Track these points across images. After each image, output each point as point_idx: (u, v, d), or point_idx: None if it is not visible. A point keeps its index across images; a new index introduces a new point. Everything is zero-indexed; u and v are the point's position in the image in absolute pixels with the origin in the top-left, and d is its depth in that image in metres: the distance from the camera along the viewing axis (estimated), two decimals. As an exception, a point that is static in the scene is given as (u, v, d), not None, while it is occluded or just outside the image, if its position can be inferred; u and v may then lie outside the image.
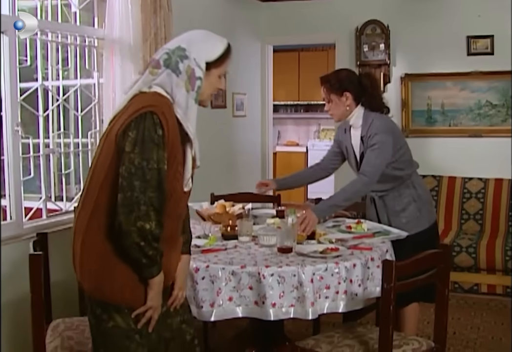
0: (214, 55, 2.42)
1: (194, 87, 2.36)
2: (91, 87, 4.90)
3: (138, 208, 2.23)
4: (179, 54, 2.38)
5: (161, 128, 2.25)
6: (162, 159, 2.27)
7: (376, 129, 3.67)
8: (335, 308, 3.04)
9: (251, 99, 7.07)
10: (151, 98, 2.35)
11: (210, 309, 2.97)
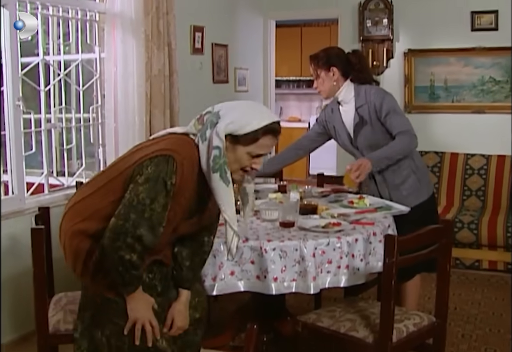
0: (242, 130, 2.34)
1: (210, 155, 2.33)
2: (92, 62, 4.88)
3: (124, 239, 2.25)
4: (211, 120, 2.36)
5: (175, 176, 2.27)
6: (166, 205, 2.28)
7: (377, 97, 3.70)
8: (337, 282, 3.05)
9: (253, 74, 7.03)
10: (181, 144, 2.37)
11: (212, 283, 2.98)
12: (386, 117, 3.66)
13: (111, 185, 2.40)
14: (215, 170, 2.33)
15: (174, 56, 4.99)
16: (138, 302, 2.40)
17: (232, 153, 2.37)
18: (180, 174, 2.29)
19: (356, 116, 3.75)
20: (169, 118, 4.96)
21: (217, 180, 2.34)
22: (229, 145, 2.36)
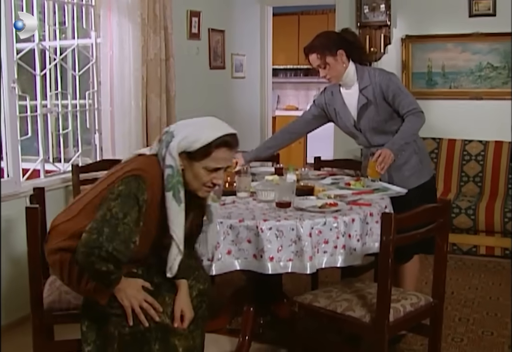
0: (195, 146, 2.42)
1: (164, 175, 2.42)
2: (88, 48, 4.86)
3: (99, 253, 2.30)
4: (167, 140, 2.45)
5: (146, 192, 2.37)
6: (138, 221, 2.37)
7: (383, 78, 3.68)
8: (333, 262, 3.04)
9: (250, 61, 7.01)
10: (148, 164, 2.47)
11: (210, 263, 2.96)
12: (393, 97, 3.65)
13: (89, 206, 2.48)
14: (168, 189, 2.42)
15: (170, 40, 4.98)
16: (126, 290, 2.47)
17: (190, 170, 2.46)
18: (150, 191, 2.39)
19: (361, 97, 3.72)
20: (165, 102, 4.95)
21: (170, 200, 2.43)
22: (185, 163, 2.45)
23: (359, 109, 3.74)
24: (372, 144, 3.79)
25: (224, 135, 2.46)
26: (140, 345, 2.50)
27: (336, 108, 3.87)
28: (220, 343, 3.69)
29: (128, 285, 2.50)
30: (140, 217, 2.38)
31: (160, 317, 2.51)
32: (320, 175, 4.07)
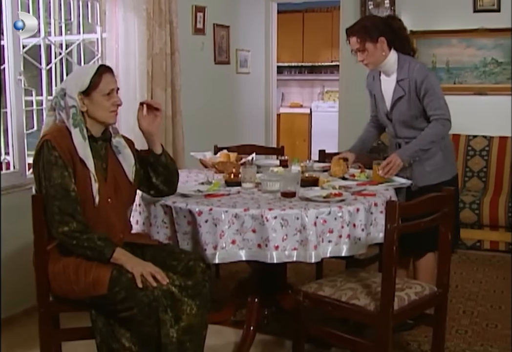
0: (86, 82, 2.83)
1: (69, 115, 2.81)
2: (94, 43, 4.88)
3: (53, 218, 2.73)
4: (60, 94, 2.86)
5: (56, 150, 2.73)
6: (62, 174, 2.73)
7: (420, 73, 3.64)
8: (338, 252, 3.05)
9: (255, 57, 7.02)
10: (47, 128, 2.90)
11: (214, 252, 2.98)
12: (425, 95, 3.62)
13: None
14: (75, 125, 2.80)
15: (175, 34, 4.99)
16: (130, 261, 2.76)
17: (92, 104, 2.85)
18: (58, 145, 2.74)
19: (397, 89, 3.70)
20: (170, 96, 4.96)
21: (77, 135, 2.80)
22: (86, 101, 2.84)
23: (394, 100, 3.72)
24: (398, 136, 3.81)
25: (100, 65, 2.92)
26: (150, 318, 2.65)
27: (375, 94, 3.89)
28: (224, 334, 3.70)
29: (131, 257, 2.78)
30: (64, 170, 2.74)
31: (167, 289, 2.70)
32: (324, 167, 4.08)
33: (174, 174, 3.17)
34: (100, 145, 2.95)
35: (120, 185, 2.99)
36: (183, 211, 3.07)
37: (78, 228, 2.71)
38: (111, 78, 2.91)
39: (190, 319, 2.73)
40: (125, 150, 3.04)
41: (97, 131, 2.93)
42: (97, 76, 2.85)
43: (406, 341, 3.66)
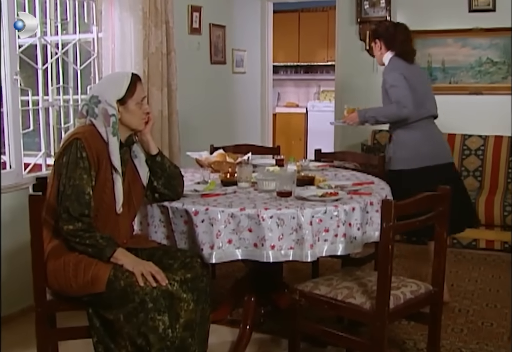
0: (123, 91, 2.91)
1: (109, 123, 2.86)
2: (90, 43, 4.88)
3: (61, 216, 2.76)
4: (94, 102, 2.90)
5: (84, 151, 2.79)
6: (81, 176, 2.77)
7: (386, 71, 4.26)
8: (334, 250, 3.06)
9: (251, 57, 7.02)
10: (78, 128, 2.94)
11: (210, 251, 2.99)
12: (387, 89, 4.15)
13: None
14: (114, 134, 2.87)
15: (171, 34, 4.99)
16: (131, 260, 2.79)
17: (127, 112, 2.93)
18: (87, 146, 2.79)
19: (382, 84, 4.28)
20: (166, 96, 4.96)
21: (114, 144, 2.88)
22: (121, 109, 2.91)
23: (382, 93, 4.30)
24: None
25: (132, 74, 3.01)
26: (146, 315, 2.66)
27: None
28: (221, 333, 3.71)
29: (132, 258, 2.81)
30: (87, 172, 2.78)
31: (168, 288, 2.71)
32: (320, 167, 4.09)
33: (174, 177, 3.16)
34: (124, 151, 3.01)
35: (132, 191, 3.03)
36: (180, 211, 3.08)
37: (82, 227, 2.75)
38: (141, 86, 3.01)
39: (188, 315, 2.75)
40: (141, 154, 3.11)
41: (124, 137, 3.00)
42: (132, 85, 2.94)
43: (402, 340, 3.67)
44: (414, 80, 4.17)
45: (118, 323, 2.69)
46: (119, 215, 2.95)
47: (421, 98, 4.20)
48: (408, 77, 4.12)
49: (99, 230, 2.80)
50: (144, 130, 3.05)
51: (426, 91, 4.35)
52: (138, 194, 3.08)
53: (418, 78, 4.30)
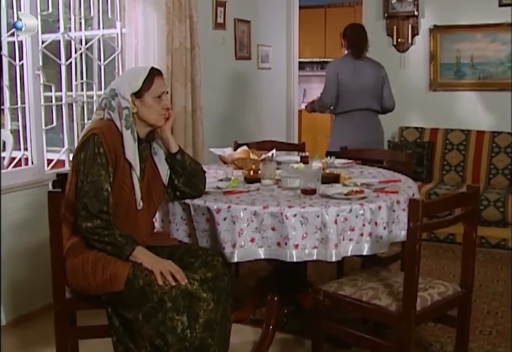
0: (139, 84, 2.84)
1: (122, 115, 2.81)
2: (114, 38, 4.85)
3: (79, 214, 2.72)
4: (111, 95, 2.86)
5: (101, 146, 2.74)
6: (99, 172, 2.72)
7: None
8: (359, 250, 2.99)
9: (276, 52, 6.94)
10: (95, 123, 2.88)
11: (232, 250, 2.92)
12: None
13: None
14: (127, 127, 2.81)
15: (195, 29, 4.93)
16: (150, 259, 2.72)
17: (143, 107, 2.86)
18: (105, 142, 2.74)
19: None
20: (190, 92, 4.90)
21: (129, 137, 2.81)
22: (137, 103, 2.85)
23: None
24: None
25: (151, 67, 2.93)
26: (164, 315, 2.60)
27: None
28: (243, 333, 3.66)
29: (151, 256, 2.75)
30: (105, 168, 2.73)
31: (187, 288, 2.65)
32: (346, 164, 4.02)
33: (195, 175, 3.09)
34: (143, 147, 2.96)
35: (152, 188, 2.98)
36: (202, 209, 3.02)
37: (101, 225, 2.70)
38: (161, 81, 2.93)
39: (207, 314, 2.69)
40: (160, 151, 3.05)
41: (143, 133, 2.94)
42: (149, 78, 2.86)
43: (429, 342, 3.58)
44: (348, 76, 5.02)
45: (137, 323, 2.64)
46: (138, 212, 2.90)
47: (350, 93, 5.03)
48: (342, 73, 5.03)
49: (118, 228, 2.75)
50: (164, 126, 2.98)
51: (362, 87, 5.04)
52: (158, 191, 3.02)
53: (357, 74, 5.04)
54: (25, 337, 3.64)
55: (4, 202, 3.72)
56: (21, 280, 3.86)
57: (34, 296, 3.86)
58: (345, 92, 5.03)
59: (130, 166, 2.84)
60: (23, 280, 3.84)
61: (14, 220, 3.82)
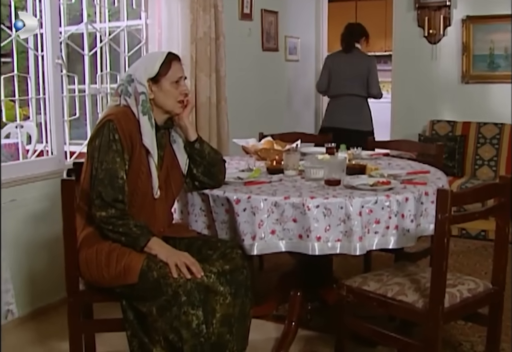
0: (155, 69, 2.76)
1: (138, 101, 2.73)
2: (139, 30, 4.80)
3: (93, 202, 2.64)
4: (127, 80, 2.78)
5: (117, 133, 2.65)
6: (114, 160, 2.64)
7: None
8: (385, 244, 2.86)
9: (304, 45, 6.85)
10: (111, 109, 2.81)
11: (252, 242, 2.82)
12: None
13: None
14: (144, 113, 2.73)
15: (220, 18, 4.84)
16: (162, 249, 2.63)
17: (160, 92, 2.78)
18: (120, 128, 2.66)
19: None
20: (215, 82, 4.82)
21: (146, 123, 2.73)
22: (154, 88, 2.77)
23: None
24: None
25: (168, 52, 2.86)
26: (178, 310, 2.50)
27: None
28: (265, 329, 3.54)
29: (166, 248, 2.65)
30: (120, 155, 2.65)
31: (204, 281, 2.55)
32: (374, 155, 3.89)
33: (214, 165, 2.98)
34: (161, 134, 2.87)
35: (170, 176, 2.88)
36: (221, 199, 2.92)
37: (115, 214, 2.62)
38: (179, 66, 2.85)
39: (224, 309, 2.59)
40: (179, 139, 2.96)
41: (161, 120, 2.86)
42: (166, 63, 2.78)
43: (458, 341, 3.43)
44: (337, 67, 5.90)
45: (151, 317, 2.54)
46: (155, 201, 2.81)
47: (339, 80, 5.86)
48: (333, 64, 5.93)
49: (134, 217, 2.66)
50: (182, 114, 2.88)
51: (349, 76, 5.82)
52: (176, 180, 2.92)
53: (343, 66, 5.87)
54: (41, 330, 3.58)
55: (23, 192, 3.71)
56: (39, 272, 3.80)
57: (52, 288, 3.79)
58: (335, 80, 5.91)
59: (147, 153, 2.74)
60: (42, 272, 3.78)
61: (33, 211, 3.76)
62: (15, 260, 3.68)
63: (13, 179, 3.65)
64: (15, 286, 3.63)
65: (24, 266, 3.71)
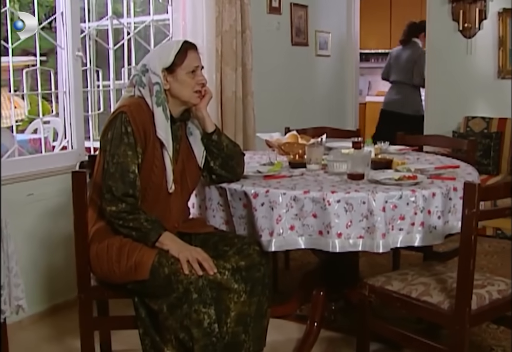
0: (170, 58, 2.66)
1: (152, 92, 2.65)
2: (164, 25, 4.74)
3: (103, 197, 2.58)
4: (142, 70, 2.70)
5: (129, 125, 2.57)
6: (125, 153, 2.56)
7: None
8: (410, 241, 2.72)
9: (335, 40, 6.70)
10: (125, 100, 2.74)
11: (269, 238, 2.70)
12: None
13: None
14: (158, 104, 2.64)
15: (247, 11, 4.74)
16: (178, 246, 2.54)
17: (175, 82, 2.68)
18: (133, 121, 2.58)
19: None
20: (241, 76, 4.71)
21: (160, 114, 2.64)
22: (169, 78, 2.67)
23: None
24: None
25: (184, 41, 2.76)
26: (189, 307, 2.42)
27: None
28: (287, 329, 3.44)
29: (178, 243, 2.57)
30: (132, 149, 2.57)
31: (218, 278, 2.48)
32: (402, 150, 3.74)
33: (232, 158, 2.86)
34: (177, 126, 2.78)
35: (186, 170, 2.79)
36: (238, 193, 2.81)
37: (126, 209, 2.55)
38: (196, 55, 2.74)
39: (239, 307, 2.50)
40: (196, 131, 2.86)
41: (177, 111, 2.77)
42: (182, 52, 2.68)
43: (489, 346, 3.27)
44: (394, 59, 7.08)
45: (162, 315, 2.45)
46: (170, 196, 2.71)
47: (393, 69, 7.03)
48: (392, 55, 7.17)
49: (147, 212, 2.57)
50: (200, 104, 2.77)
51: (399, 66, 6.95)
52: (192, 174, 2.82)
53: (399, 57, 6.99)
54: (58, 327, 3.52)
55: (41, 187, 3.65)
56: (57, 268, 3.74)
57: (69, 285, 3.68)
58: (393, 69, 7.07)
59: (161, 146, 2.65)
60: (59, 268, 3.72)
61: (51, 206, 3.70)
62: (32, 256, 3.62)
63: (33, 173, 3.61)
64: (32, 282, 3.57)
65: (41, 261, 3.65)
